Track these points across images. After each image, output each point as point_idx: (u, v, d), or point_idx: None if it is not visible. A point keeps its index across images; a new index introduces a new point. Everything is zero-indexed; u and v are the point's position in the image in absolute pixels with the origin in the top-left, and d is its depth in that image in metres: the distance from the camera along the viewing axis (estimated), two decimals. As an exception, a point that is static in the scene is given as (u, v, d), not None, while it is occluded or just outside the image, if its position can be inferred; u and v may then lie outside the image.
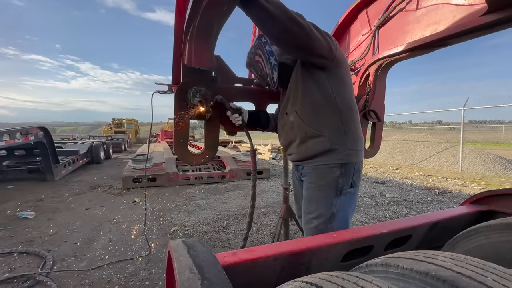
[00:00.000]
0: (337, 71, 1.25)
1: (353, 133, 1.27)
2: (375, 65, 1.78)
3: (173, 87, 1.54)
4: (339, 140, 1.24)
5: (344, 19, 1.97)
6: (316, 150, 1.26)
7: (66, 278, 2.08)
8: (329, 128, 1.24)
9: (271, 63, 1.30)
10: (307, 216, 1.32)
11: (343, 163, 1.24)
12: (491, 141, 16.60)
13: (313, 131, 1.25)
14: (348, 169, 1.25)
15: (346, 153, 1.24)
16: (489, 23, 1.10)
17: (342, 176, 1.24)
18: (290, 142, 1.39)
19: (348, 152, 1.25)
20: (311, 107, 1.26)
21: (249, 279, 0.79)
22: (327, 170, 1.25)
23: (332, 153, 1.24)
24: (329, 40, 1.17)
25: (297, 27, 1.04)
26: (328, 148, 1.23)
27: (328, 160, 1.24)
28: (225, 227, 3.21)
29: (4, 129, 4.30)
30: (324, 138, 1.24)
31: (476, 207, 1.29)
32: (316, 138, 1.25)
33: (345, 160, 1.24)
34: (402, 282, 0.56)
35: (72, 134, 22.49)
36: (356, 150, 1.28)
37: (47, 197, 4.51)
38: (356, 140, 1.29)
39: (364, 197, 4.63)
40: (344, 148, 1.24)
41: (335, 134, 1.24)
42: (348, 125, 1.25)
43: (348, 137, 1.25)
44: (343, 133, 1.24)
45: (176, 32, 1.39)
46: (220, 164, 6.66)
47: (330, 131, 1.24)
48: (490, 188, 5.26)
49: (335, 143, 1.23)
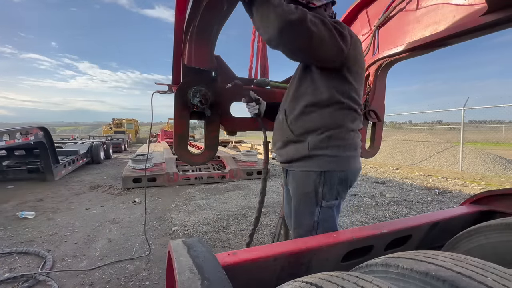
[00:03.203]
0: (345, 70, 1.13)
1: (343, 138, 1.16)
2: (375, 65, 1.78)
3: (173, 87, 1.54)
4: (320, 145, 1.14)
5: (344, 19, 1.97)
6: (294, 155, 1.20)
7: (66, 278, 2.08)
8: (311, 133, 1.15)
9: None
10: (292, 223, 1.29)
11: (322, 170, 1.13)
12: (491, 141, 16.59)
13: (293, 136, 1.19)
14: (330, 178, 1.14)
15: (327, 159, 1.13)
16: (489, 23, 1.10)
17: (322, 185, 1.14)
18: (275, 142, 1.34)
19: (330, 159, 1.13)
20: (299, 108, 1.18)
21: (249, 279, 0.79)
22: (305, 177, 1.17)
23: (310, 159, 1.15)
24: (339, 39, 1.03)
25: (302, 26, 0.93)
26: (306, 154, 1.15)
27: (305, 166, 1.17)
28: (225, 227, 3.21)
29: (4, 129, 4.30)
30: (304, 144, 1.16)
31: (476, 207, 1.29)
32: (296, 143, 1.19)
33: (324, 167, 1.13)
34: (402, 282, 0.56)
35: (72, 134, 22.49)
36: (342, 156, 1.15)
37: (47, 197, 4.51)
38: (347, 146, 1.16)
39: (364, 197, 4.63)
40: (325, 155, 1.14)
41: (317, 139, 1.14)
42: (337, 130, 1.15)
43: (334, 143, 1.14)
44: (327, 138, 1.14)
45: (176, 32, 1.39)
46: (220, 164, 6.66)
47: (312, 136, 1.15)
48: (490, 188, 5.26)
49: (315, 149, 1.14)
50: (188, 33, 1.26)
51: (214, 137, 1.57)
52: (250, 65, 1.92)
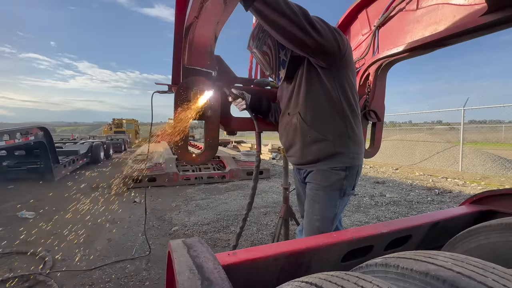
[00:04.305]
0: (345, 71, 1.21)
1: (356, 137, 1.28)
2: (375, 65, 1.78)
3: (173, 87, 1.54)
4: (343, 144, 1.24)
5: (344, 19, 1.97)
6: (320, 154, 1.26)
7: (66, 278, 2.08)
8: (333, 132, 1.24)
9: (280, 58, 1.24)
10: (311, 217, 1.31)
11: (347, 166, 1.25)
12: (491, 141, 16.59)
13: (317, 135, 1.24)
14: (352, 172, 1.27)
15: (350, 156, 1.25)
16: (489, 23, 1.10)
17: (347, 179, 1.25)
18: (291, 144, 1.37)
19: (352, 155, 1.26)
20: (316, 110, 1.24)
21: (249, 279, 0.79)
22: (333, 173, 1.26)
23: (337, 156, 1.24)
24: (338, 38, 1.11)
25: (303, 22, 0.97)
26: (333, 152, 1.24)
27: (333, 164, 1.25)
28: (225, 227, 3.21)
29: (4, 129, 4.30)
30: (328, 143, 1.23)
31: (476, 207, 1.28)
32: (320, 142, 1.25)
33: (349, 163, 1.25)
34: (402, 282, 0.56)
35: (72, 134, 22.47)
36: (358, 153, 1.29)
37: (47, 197, 4.51)
38: (359, 144, 1.30)
39: (364, 197, 4.63)
40: (348, 152, 1.25)
41: (339, 138, 1.24)
42: (352, 129, 1.25)
43: (352, 141, 1.26)
44: (347, 137, 1.24)
45: (176, 32, 1.39)
46: (220, 164, 6.66)
47: (334, 135, 1.23)
48: (490, 188, 5.26)
49: (340, 147, 1.24)
50: (188, 33, 1.26)
51: (214, 137, 1.57)
52: (250, 65, 1.92)
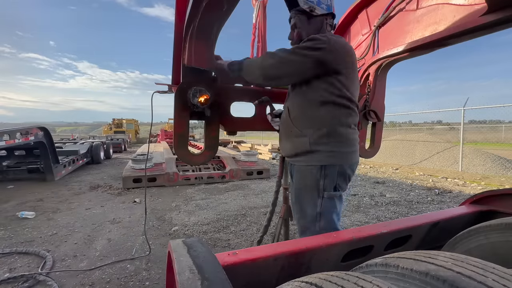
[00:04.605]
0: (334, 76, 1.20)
1: (340, 134, 1.23)
2: (375, 65, 1.78)
3: (173, 87, 1.54)
4: (320, 141, 1.22)
5: (344, 19, 1.97)
6: (297, 149, 1.29)
7: (66, 278, 2.08)
8: (312, 128, 1.24)
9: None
10: (295, 215, 1.38)
11: (322, 165, 1.22)
12: (491, 141, 16.59)
13: (297, 131, 1.28)
14: (331, 171, 1.23)
15: (326, 154, 1.22)
16: (489, 23, 1.10)
17: (323, 178, 1.23)
18: (281, 137, 1.45)
19: (330, 154, 1.22)
20: (300, 107, 1.29)
21: (249, 279, 0.79)
22: (308, 171, 1.26)
23: (313, 154, 1.24)
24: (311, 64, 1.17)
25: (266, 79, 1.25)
26: (308, 149, 1.24)
27: (309, 161, 1.25)
28: (225, 227, 3.21)
29: (4, 129, 4.30)
30: (305, 139, 1.25)
31: (476, 207, 1.29)
32: (299, 137, 1.28)
33: (324, 162, 1.22)
34: (402, 282, 0.56)
35: (72, 134, 22.49)
36: (341, 151, 1.23)
37: (47, 197, 4.51)
38: (344, 142, 1.24)
39: (364, 197, 4.63)
40: (325, 150, 1.22)
41: (316, 135, 1.23)
42: (334, 126, 1.22)
43: (332, 139, 1.22)
44: (326, 134, 1.22)
45: (176, 32, 1.39)
46: (220, 164, 6.66)
47: (312, 132, 1.24)
48: (490, 188, 5.26)
49: (315, 145, 1.23)
50: (188, 33, 1.26)
51: (214, 137, 1.57)
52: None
